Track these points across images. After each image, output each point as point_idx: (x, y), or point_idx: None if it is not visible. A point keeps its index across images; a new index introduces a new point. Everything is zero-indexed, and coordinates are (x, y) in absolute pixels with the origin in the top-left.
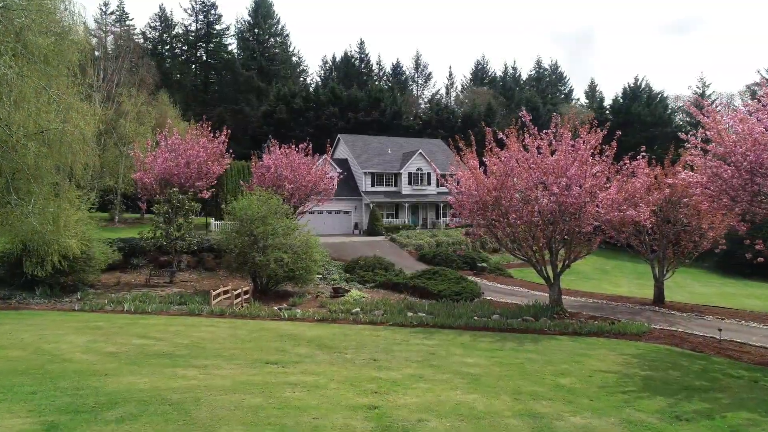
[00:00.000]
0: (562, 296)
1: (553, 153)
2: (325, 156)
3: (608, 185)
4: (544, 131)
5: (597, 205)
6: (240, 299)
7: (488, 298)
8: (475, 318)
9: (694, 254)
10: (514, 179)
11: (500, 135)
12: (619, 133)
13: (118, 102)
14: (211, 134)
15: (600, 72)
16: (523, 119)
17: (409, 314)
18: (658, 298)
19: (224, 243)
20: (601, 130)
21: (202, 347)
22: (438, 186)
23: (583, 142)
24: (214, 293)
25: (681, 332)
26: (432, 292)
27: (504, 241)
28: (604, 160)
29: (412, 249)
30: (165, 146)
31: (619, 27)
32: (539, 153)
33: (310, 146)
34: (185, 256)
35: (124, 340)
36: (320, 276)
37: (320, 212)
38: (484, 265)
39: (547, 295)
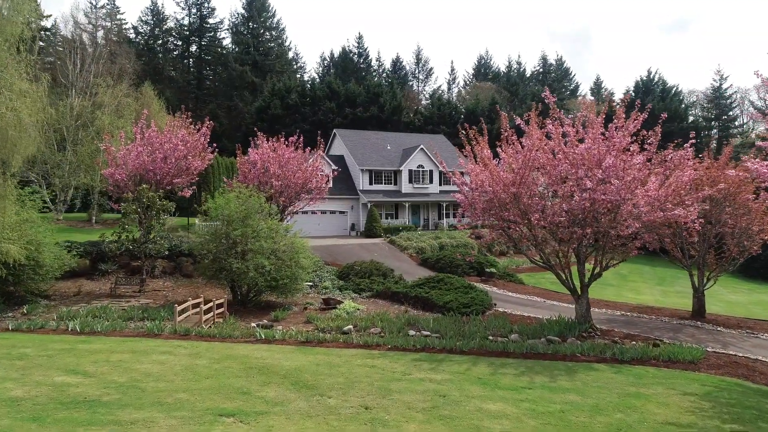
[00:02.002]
0: None
1: (580, 141)
2: (316, 150)
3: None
4: (570, 116)
5: (635, 204)
6: (212, 315)
7: (501, 310)
8: (490, 338)
9: (738, 260)
10: (537, 172)
11: (518, 121)
12: (664, 114)
13: (94, 93)
14: (192, 126)
15: (597, 70)
16: (546, 101)
17: (411, 333)
18: (698, 311)
19: (197, 247)
20: (642, 113)
21: (142, 388)
22: (440, 184)
23: (616, 128)
24: (179, 308)
25: (743, 358)
26: (437, 304)
27: (523, 245)
28: (647, 149)
29: (412, 252)
30: (141, 139)
31: (616, 24)
32: (566, 141)
33: (301, 139)
34: (160, 261)
35: (43, 378)
36: (310, 284)
37: (314, 212)
38: (493, 270)
39: (568, 306)
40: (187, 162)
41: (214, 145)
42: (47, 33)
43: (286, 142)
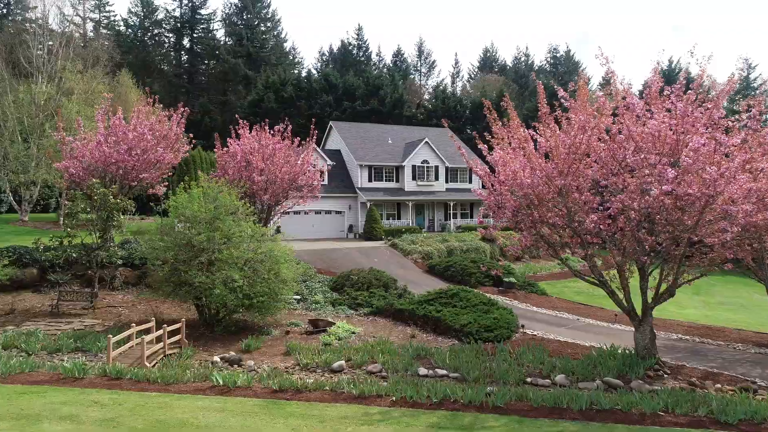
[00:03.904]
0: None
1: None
2: (308, 141)
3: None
4: (626, 82)
5: (730, 200)
6: (163, 345)
7: (530, 332)
8: (529, 381)
9: None
10: (588, 158)
11: (561, 93)
12: None
13: (61, 79)
14: (163, 113)
15: (597, 67)
16: (604, 64)
17: (422, 371)
18: None
19: (150, 254)
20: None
21: None
22: (447, 181)
23: (699, 101)
24: (114, 339)
25: None
26: (452, 327)
27: (564, 254)
28: (746, 123)
29: (418, 258)
30: (104, 128)
31: (614, 27)
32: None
33: (289, 128)
34: (122, 270)
35: None
36: (297, 297)
37: (307, 213)
38: (512, 279)
39: (608, 325)
40: (157, 154)
41: (190, 135)
42: (33, 25)
43: (272, 132)
